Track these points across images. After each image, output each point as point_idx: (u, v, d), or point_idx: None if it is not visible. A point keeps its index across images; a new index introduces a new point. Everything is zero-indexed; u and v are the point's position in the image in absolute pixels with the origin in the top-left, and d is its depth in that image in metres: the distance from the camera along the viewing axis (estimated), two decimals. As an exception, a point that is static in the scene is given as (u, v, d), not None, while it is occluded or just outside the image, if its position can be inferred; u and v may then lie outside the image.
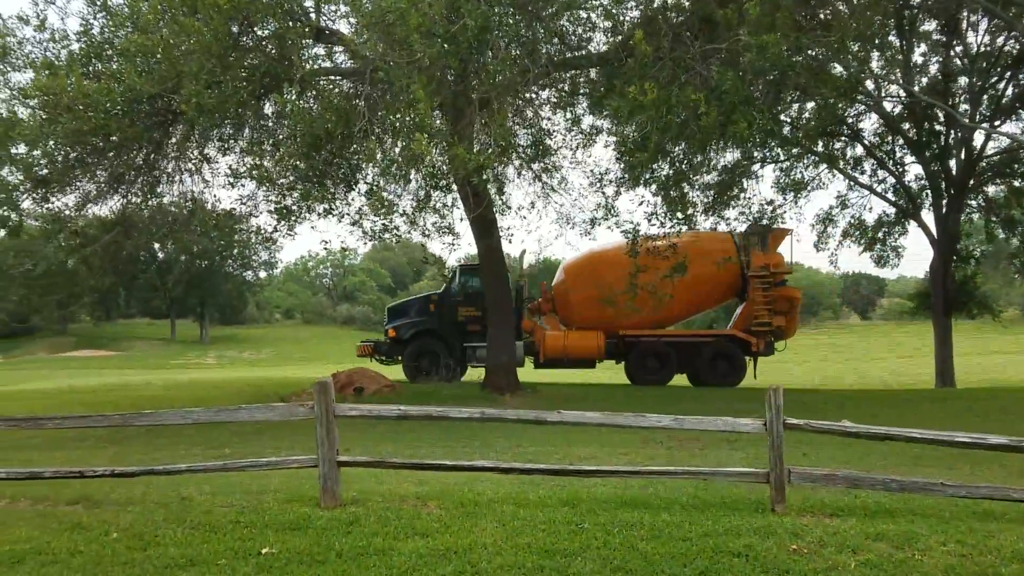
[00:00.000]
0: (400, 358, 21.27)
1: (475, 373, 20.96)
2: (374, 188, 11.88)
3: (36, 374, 38.80)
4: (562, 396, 17.16)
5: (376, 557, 5.53)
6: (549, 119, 15.41)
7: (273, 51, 12.27)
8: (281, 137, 12.91)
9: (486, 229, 16.34)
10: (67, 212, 13.75)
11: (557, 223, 17.15)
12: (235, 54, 11.71)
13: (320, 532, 5.98)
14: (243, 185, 13.47)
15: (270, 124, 13.44)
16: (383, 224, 12.26)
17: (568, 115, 14.53)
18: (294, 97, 12.04)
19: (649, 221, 15.38)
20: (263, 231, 14.76)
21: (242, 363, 57.84)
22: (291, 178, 12.26)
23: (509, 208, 15.69)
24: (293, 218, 12.90)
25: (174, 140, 13.29)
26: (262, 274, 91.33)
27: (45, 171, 12.34)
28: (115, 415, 6.95)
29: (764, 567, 5.38)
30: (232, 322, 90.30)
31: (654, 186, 15.19)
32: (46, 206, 13.33)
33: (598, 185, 15.24)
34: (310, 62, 12.88)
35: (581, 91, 14.86)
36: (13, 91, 12.37)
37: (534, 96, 14.78)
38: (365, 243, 13.75)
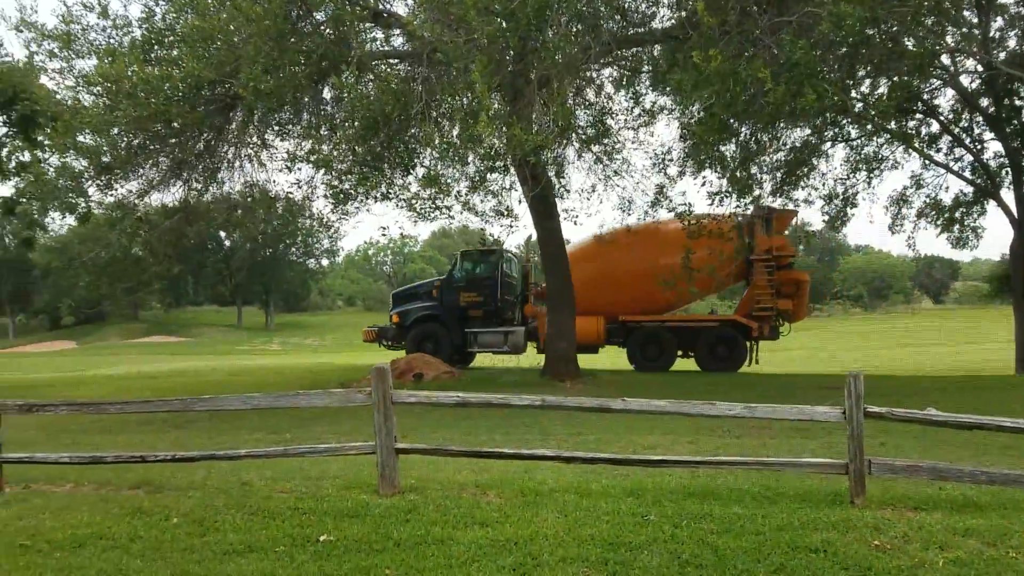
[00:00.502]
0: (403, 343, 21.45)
1: (533, 359, 20.80)
2: (431, 172, 11.73)
3: (108, 360, 40.13)
4: (623, 383, 16.83)
5: (435, 547, 5.37)
6: (611, 98, 15.01)
7: (331, 34, 12.19)
8: (338, 121, 12.85)
9: (546, 212, 16.06)
10: (131, 199, 13.99)
11: (619, 207, 16.78)
12: (293, 38, 11.66)
13: (378, 520, 5.86)
14: (299, 169, 13.50)
15: (327, 108, 13.40)
16: (435, 204, 12.09)
17: (630, 93, 14.09)
18: (352, 81, 11.96)
19: (712, 203, 14.88)
20: (321, 215, 14.83)
21: (305, 349, 58.88)
22: (348, 162, 12.21)
23: (568, 191, 15.39)
24: (350, 202, 12.85)
25: (234, 126, 13.36)
26: (324, 262, 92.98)
27: (108, 158, 12.53)
28: (176, 400, 6.94)
29: (844, 563, 5.05)
30: (296, 309, 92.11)
31: (719, 167, 14.68)
32: (110, 193, 13.61)
33: (660, 166, 14.80)
34: (368, 44, 12.78)
35: (644, 69, 14.40)
36: (77, 78, 12.58)
37: (595, 75, 14.41)
38: (417, 224, 13.74)
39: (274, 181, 16.36)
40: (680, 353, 20.44)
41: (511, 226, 14.39)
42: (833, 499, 6.30)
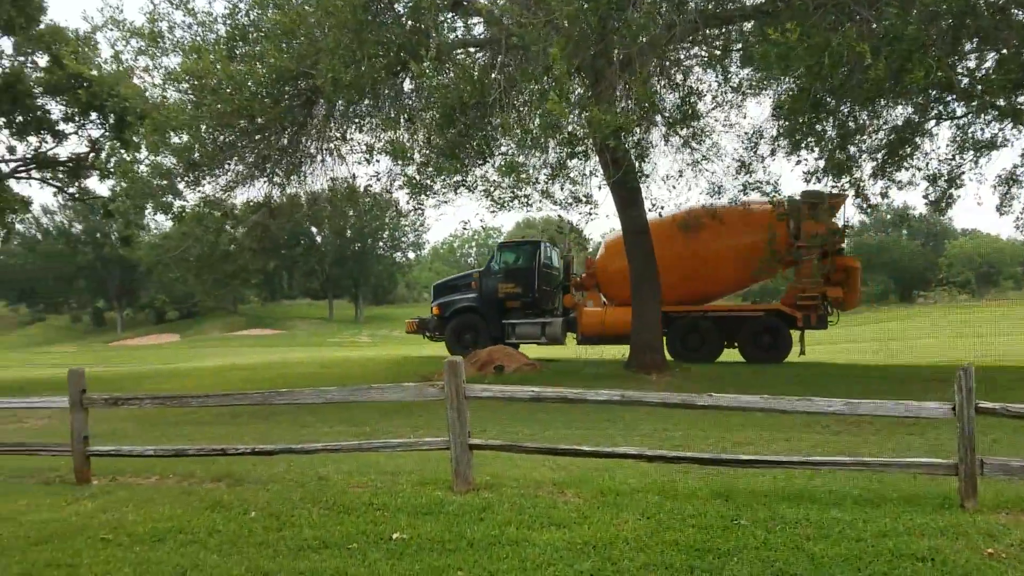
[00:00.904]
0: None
1: (620, 350, 20.34)
2: (509, 160, 11.50)
3: (207, 352, 41.73)
4: (712, 376, 16.20)
5: (509, 548, 5.16)
6: (699, 80, 14.38)
7: (410, 24, 12.10)
8: (416, 111, 12.76)
9: (629, 198, 15.58)
10: (217, 195, 14.30)
11: (708, 193, 16.13)
12: (372, 29, 11.60)
13: (452, 518, 5.69)
14: (378, 161, 13.49)
15: (406, 99, 13.33)
16: (512, 192, 11.86)
17: (718, 72, 13.42)
18: (430, 70, 11.85)
19: (808, 181, 14.10)
20: (399, 206, 14.84)
21: (392, 341, 59.80)
22: (426, 152, 12.11)
23: (646, 176, 14.84)
24: (427, 193, 12.75)
25: (316, 120, 13.45)
26: (411, 255, 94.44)
27: (196, 155, 12.80)
28: (255, 393, 6.96)
29: (953, 573, 4.59)
30: (383, 302, 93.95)
31: (815, 146, 13.90)
32: (197, 189, 13.94)
33: (751, 147, 14.13)
34: (447, 33, 12.65)
35: (734, 48, 13.72)
36: (165, 76, 12.87)
37: (681, 55, 13.85)
38: (496, 215, 13.53)
39: (354, 175, 16.50)
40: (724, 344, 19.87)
41: (590, 213, 13.99)
42: (941, 502, 5.80)
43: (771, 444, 8.77)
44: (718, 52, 13.69)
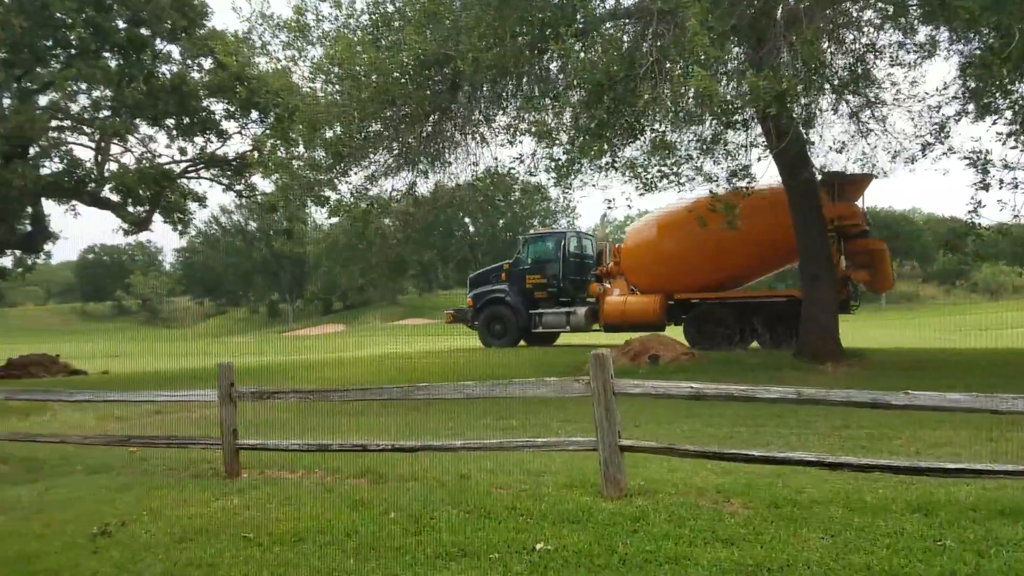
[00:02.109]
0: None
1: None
2: (659, 136, 10.73)
3: (369, 341, 43.32)
4: (898, 365, 14.57)
5: (667, 567, 4.55)
6: (876, 37, 12.85)
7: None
8: (560, 89, 12.19)
9: (795, 168, 14.28)
10: (364, 186, 14.41)
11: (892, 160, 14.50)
12: (515, 5, 11.13)
13: (601, 528, 5.13)
14: (520, 143, 13.15)
15: (550, 76, 12.78)
16: (661, 171, 11.08)
17: (897, 26, 11.88)
18: (576, 46, 11.27)
19: (1003, 142, 12.35)
20: (543, 190, 14.44)
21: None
22: (571, 132, 11.54)
23: (812, 143, 13.53)
24: (572, 175, 12.17)
25: (458, 106, 13.19)
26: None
27: (346, 148, 12.88)
28: (394, 387, 6.72)
29: None
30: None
31: (1009, 113, 12.14)
32: (345, 180, 14.10)
33: (934, 110, 12.52)
34: (595, 5, 12.05)
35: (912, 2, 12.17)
36: (313, 68, 13.03)
37: (854, 13, 12.47)
38: (643, 196, 12.70)
39: (496, 157, 16.51)
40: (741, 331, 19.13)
41: (747, 189, 12.89)
42: None
43: (973, 444, 7.56)
44: (890, 8, 12.15)
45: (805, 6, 9.83)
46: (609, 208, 39.39)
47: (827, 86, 12.81)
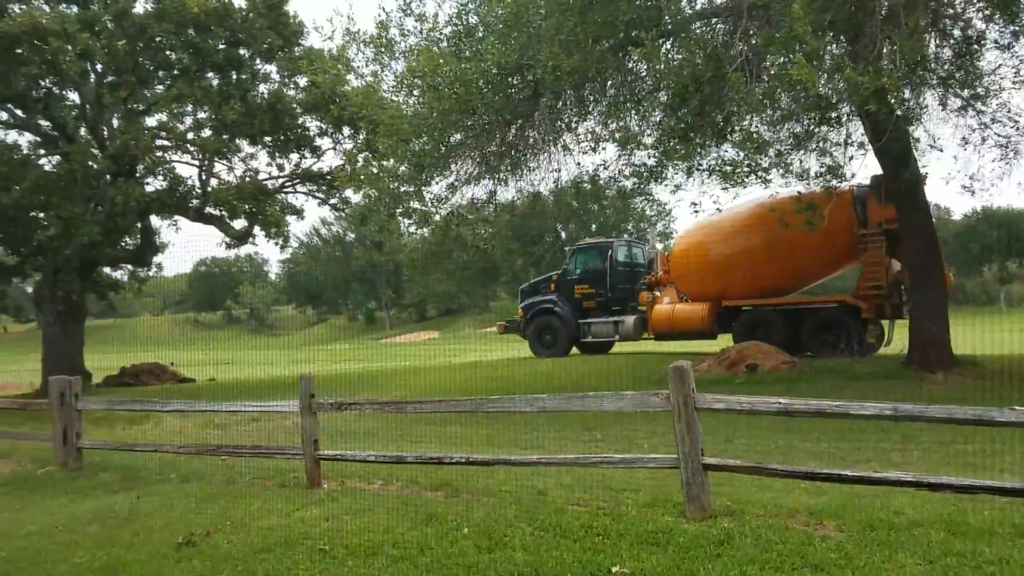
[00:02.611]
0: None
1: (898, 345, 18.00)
2: (749, 134, 10.28)
3: (460, 348, 43.63)
4: (1017, 374, 13.44)
5: (751, 595, 4.24)
6: (983, 30, 11.97)
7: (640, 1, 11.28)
8: (644, 94, 11.86)
9: (899, 165, 13.45)
10: (444, 195, 14.45)
11: (1002, 159, 13.48)
12: (599, 8, 10.89)
13: (682, 552, 4.85)
14: (603, 149, 12.90)
15: (633, 81, 12.45)
16: (747, 167, 10.60)
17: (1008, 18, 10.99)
18: (661, 48, 10.96)
19: None
20: (633, 193, 14.17)
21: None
22: (656, 136, 11.21)
23: (917, 140, 12.72)
24: (656, 180, 11.82)
25: (540, 113, 13.04)
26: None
27: (429, 158, 12.94)
28: (467, 400, 6.62)
29: None
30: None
31: None
32: (426, 190, 14.17)
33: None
34: (682, 4, 11.74)
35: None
36: (397, 80, 13.16)
37: (959, 4, 11.66)
38: (734, 197, 12.19)
39: (579, 164, 16.37)
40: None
41: (838, 188, 12.24)
42: None
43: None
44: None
45: (904, 1, 9.21)
46: (695, 212, 38.28)
47: (935, 77, 12.02)
